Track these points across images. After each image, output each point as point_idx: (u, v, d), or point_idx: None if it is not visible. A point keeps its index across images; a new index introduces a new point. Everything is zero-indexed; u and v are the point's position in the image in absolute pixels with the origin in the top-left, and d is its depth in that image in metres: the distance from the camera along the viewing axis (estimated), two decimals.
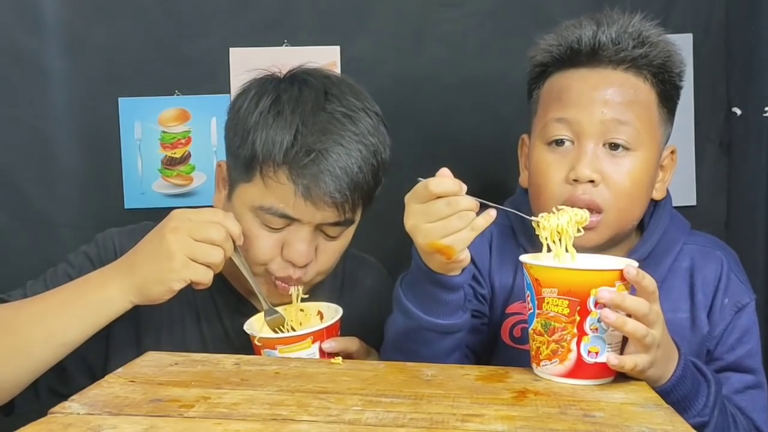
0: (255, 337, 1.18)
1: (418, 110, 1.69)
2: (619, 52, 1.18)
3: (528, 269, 1.02)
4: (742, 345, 1.22)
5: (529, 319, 1.03)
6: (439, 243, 1.02)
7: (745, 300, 1.23)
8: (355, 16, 1.68)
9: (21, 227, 1.65)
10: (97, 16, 1.67)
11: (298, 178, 1.16)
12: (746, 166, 1.62)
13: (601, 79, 1.19)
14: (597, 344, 0.99)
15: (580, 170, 1.16)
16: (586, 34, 1.19)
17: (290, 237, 1.21)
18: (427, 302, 1.09)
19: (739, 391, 1.21)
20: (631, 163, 1.18)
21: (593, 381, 1.00)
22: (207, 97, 1.68)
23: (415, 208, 1.03)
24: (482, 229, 1.02)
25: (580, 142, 1.18)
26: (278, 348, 1.16)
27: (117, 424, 0.82)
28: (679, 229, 1.27)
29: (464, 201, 1.01)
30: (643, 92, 1.19)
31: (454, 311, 1.10)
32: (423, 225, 1.02)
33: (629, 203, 1.19)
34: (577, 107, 1.18)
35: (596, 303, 0.98)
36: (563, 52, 1.21)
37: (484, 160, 1.65)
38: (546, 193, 1.20)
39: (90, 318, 1.11)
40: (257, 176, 1.19)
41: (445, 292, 1.08)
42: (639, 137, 1.18)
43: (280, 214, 1.19)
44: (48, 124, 1.66)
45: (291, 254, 1.20)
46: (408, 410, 0.88)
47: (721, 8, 1.66)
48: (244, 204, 1.22)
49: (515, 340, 1.24)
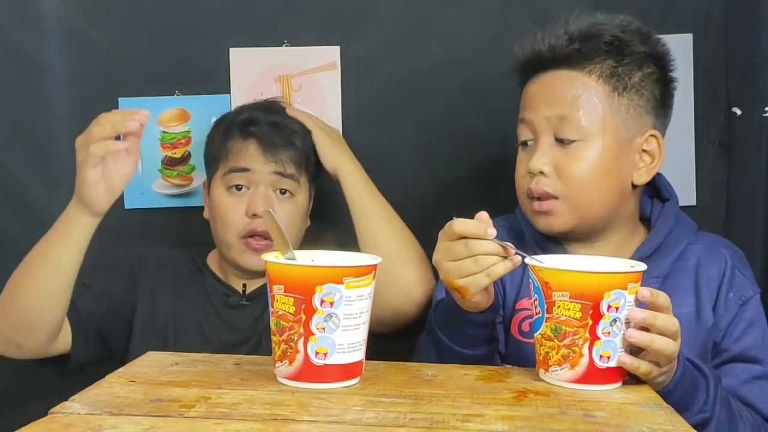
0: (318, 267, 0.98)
1: (418, 110, 1.69)
2: (553, 52, 1.26)
3: (537, 272, 1.00)
4: (748, 336, 1.25)
5: (536, 324, 1.01)
6: (454, 283, 1.07)
7: (750, 293, 1.27)
8: (355, 16, 1.68)
9: (21, 227, 1.65)
10: (97, 15, 1.67)
11: (249, 136, 1.49)
12: (746, 166, 1.61)
13: (545, 81, 1.27)
14: (609, 348, 0.97)
15: (531, 164, 1.25)
16: (536, 45, 1.28)
17: (251, 196, 1.48)
18: (453, 334, 1.16)
19: (746, 381, 1.23)
20: (583, 152, 1.24)
21: (603, 386, 0.99)
22: (207, 97, 1.68)
23: (441, 245, 1.09)
24: (499, 276, 1.05)
25: (536, 138, 1.27)
26: (346, 281, 0.95)
27: (117, 424, 0.82)
28: (684, 229, 1.30)
29: (482, 245, 1.04)
30: (587, 86, 1.24)
31: (478, 344, 1.16)
32: (444, 262, 1.08)
33: (584, 190, 1.24)
34: (529, 108, 1.28)
35: (609, 306, 0.96)
36: (525, 62, 1.31)
37: (485, 160, 1.65)
38: (517, 186, 1.31)
39: (67, 238, 1.29)
40: (222, 158, 1.50)
41: (470, 328, 1.14)
42: (587, 128, 1.24)
43: (239, 168, 1.48)
44: (48, 124, 1.66)
45: (252, 205, 1.47)
46: (408, 410, 0.88)
47: (720, 8, 1.66)
48: (217, 185, 1.51)
49: (524, 334, 1.28)
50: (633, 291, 0.98)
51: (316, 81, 1.68)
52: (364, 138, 1.69)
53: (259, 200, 1.47)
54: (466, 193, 1.65)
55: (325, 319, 0.93)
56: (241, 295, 1.53)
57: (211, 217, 1.54)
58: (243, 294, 1.53)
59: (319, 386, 0.95)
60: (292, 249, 1.01)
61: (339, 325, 0.94)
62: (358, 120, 1.69)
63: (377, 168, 1.69)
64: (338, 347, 0.95)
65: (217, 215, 1.51)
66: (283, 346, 0.95)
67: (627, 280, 0.98)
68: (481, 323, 1.14)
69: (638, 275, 1.00)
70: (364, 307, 0.96)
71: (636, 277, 0.99)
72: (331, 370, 0.95)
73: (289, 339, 0.95)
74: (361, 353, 0.98)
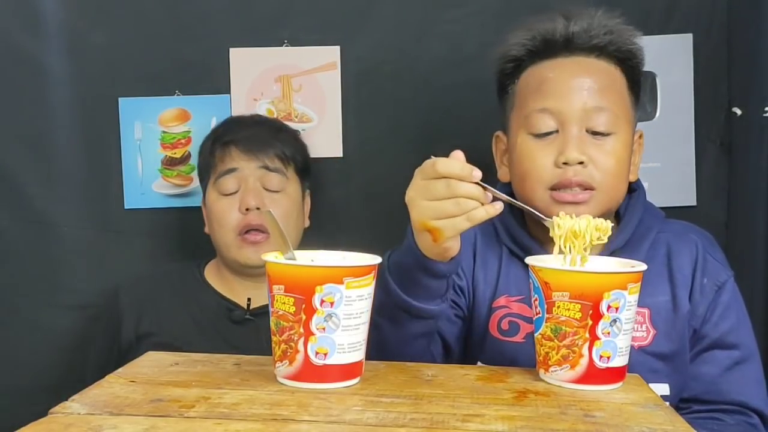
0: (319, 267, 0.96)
1: (418, 110, 1.69)
2: (592, 40, 1.24)
3: (537, 272, 1.00)
4: (725, 321, 1.25)
5: (536, 324, 1.01)
6: (429, 223, 1.01)
7: (723, 278, 1.26)
8: (355, 16, 1.69)
9: (21, 227, 1.66)
10: (98, 16, 1.67)
11: (230, 142, 1.53)
12: (746, 166, 1.61)
13: (577, 67, 1.24)
14: (609, 349, 0.97)
15: (570, 154, 1.20)
16: (559, 26, 1.24)
17: (241, 193, 1.52)
18: (407, 282, 1.09)
19: (728, 368, 1.24)
20: (613, 144, 1.23)
21: (603, 386, 0.98)
22: (207, 97, 1.68)
23: (418, 182, 1.02)
24: (479, 221, 0.99)
25: (564, 128, 1.22)
26: (346, 281, 0.94)
27: (117, 424, 0.82)
28: (653, 217, 1.30)
29: (465, 187, 0.99)
30: (616, 77, 1.25)
31: (432, 298, 1.10)
32: (420, 201, 1.01)
33: (616, 182, 1.24)
34: (558, 96, 1.22)
35: (609, 306, 0.96)
36: (538, 44, 1.26)
37: (485, 160, 1.64)
38: (533, 177, 1.23)
39: None
40: (211, 168, 1.54)
41: (428, 278, 1.08)
42: (617, 121, 1.23)
43: (227, 171, 1.52)
44: (48, 124, 1.66)
45: (244, 200, 1.51)
46: (408, 410, 0.88)
47: (722, 8, 1.66)
48: (210, 193, 1.55)
49: (503, 332, 1.26)
50: (633, 291, 0.98)
51: (316, 81, 1.68)
52: (364, 138, 1.69)
53: (250, 194, 1.50)
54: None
55: (325, 319, 0.93)
56: (246, 309, 1.53)
57: (209, 223, 1.56)
58: (248, 308, 1.53)
59: (319, 386, 0.95)
60: (292, 249, 1.01)
61: (339, 325, 0.94)
62: (358, 120, 1.69)
63: (377, 168, 1.70)
64: (338, 347, 0.94)
65: (213, 219, 1.54)
66: (283, 346, 0.95)
67: (627, 280, 0.98)
68: (443, 273, 1.08)
69: (638, 275, 0.99)
70: (364, 307, 0.96)
71: (636, 277, 0.99)
72: (331, 370, 0.95)
73: (289, 339, 0.94)
74: (361, 353, 0.98)
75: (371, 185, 1.70)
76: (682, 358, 1.24)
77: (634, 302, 0.98)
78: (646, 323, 1.22)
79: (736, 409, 1.22)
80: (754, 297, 1.38)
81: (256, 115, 1.64)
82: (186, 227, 1.69)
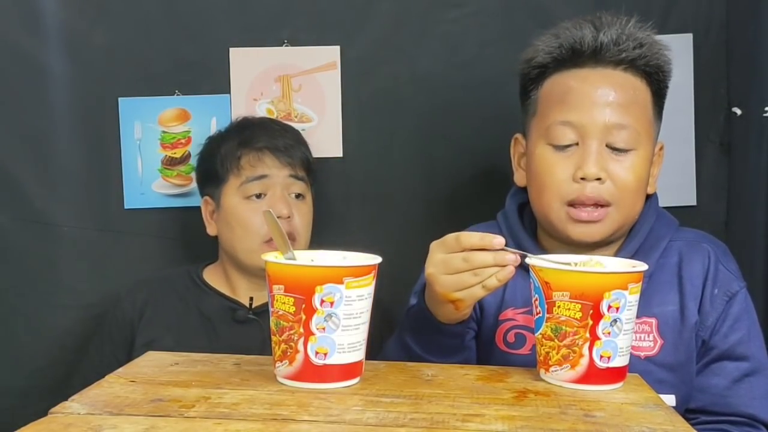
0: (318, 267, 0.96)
1: (418, 110, 1.69)
2: (621, 53, 1.21)
3: (537, 272, 1.00)
4: (735, 332, 1.23)
5: (537, 324, 1.01)
6: (452, 295, 1.05)
7: (735, 288, 1.24)
8: (355, 16, 1.68)
9: (21, 227, 1.65)
10: (98, 16, 1.67)
11: (268, 149, 1.51)
12: (746, 166, 1.61)
13: (602, 80, 1.21)
14: (609, 349, 0.97)
15: (588, 169, 1.19)
16: (588, 35, 1.21)
17: (269, 200, 1.50)
18: (426, 344, 1.16)
19: (737, 380, 1.22)
20: (632, 161, 1.21)
21: (603, 386, 0.98)
22: (207, 97, 1.68)
23: (437, 258, 1.06)
24: (494, 289, 1.03)
25: (584, 142, 1.21)
26: (346, 281, 0.94)
27: (117, 424, 0.82)
28: (665, 225, 1.29)
29: (481, 257, 1.02)
30: (641, 92, 1.23)
31: (451, 353, 1.16)
32: (440, 276, 1.05)
33: (633, 198, 1.23)
34: (580, 109, 1.21)
35: (609, 306, 0.96)
36: (565, 53, 1.23)
37: (485, 160, 1.65)
38: (551, 191, 1.23)
39: None
40: (231, 170, 1.51)
41: (444, 337, 1.14)
42: (638, 137, 1.21)
43: (257, 177, 1.50)
44: (48, 124, 1.66)
45: (275, 209, 1.46)
46: (408, 410, 0.88)
47: (721, 8, 1.66)
48: (231, 196, 1.51)
49: (509, 345, 1.26)
50: (633, 291, 0.98)
51: (316, 81, 1.68)
52: (364, 138, 1.69)
53: (281, 203, 1.49)
54: (465, 194, 1.66)
55: (325, 319, 0.93)
56: (248, 308, 1.53)
57: (228, 227, 1.52)
58: (250, 308, 1.53)
59: (319, 386, 0.95)
60: (292, 249, 1.01)
61: (339, 325, 0.94)
62: (358, 120, 1.69)
63: (377, 168, 1.70)
64: (338, 347, 0.94)
65: (236, 224, 1.51)
66: (283, 346, 0.95)
67: (627, 280, 0.97)
68: (456, 333, 1.14)
69: (639, 275, 0.99)
70: (364, 307, 0.96)
71: (637, 277, 0.99)
72: (331, 370, 0.95)
73: (289, 339, 0.94)
74: (361, 353, 0.98)
75: (371, 185, 1.70)
76: (689, 368, 1.23)
77: (634, 302, 0.98)
78: (653, 333, 1.22)
79: (745, 421, 1.21)
80: (754, 297, 1.37)
81: (276, 120, 1.62)
82: (186, 227, 1.69)
